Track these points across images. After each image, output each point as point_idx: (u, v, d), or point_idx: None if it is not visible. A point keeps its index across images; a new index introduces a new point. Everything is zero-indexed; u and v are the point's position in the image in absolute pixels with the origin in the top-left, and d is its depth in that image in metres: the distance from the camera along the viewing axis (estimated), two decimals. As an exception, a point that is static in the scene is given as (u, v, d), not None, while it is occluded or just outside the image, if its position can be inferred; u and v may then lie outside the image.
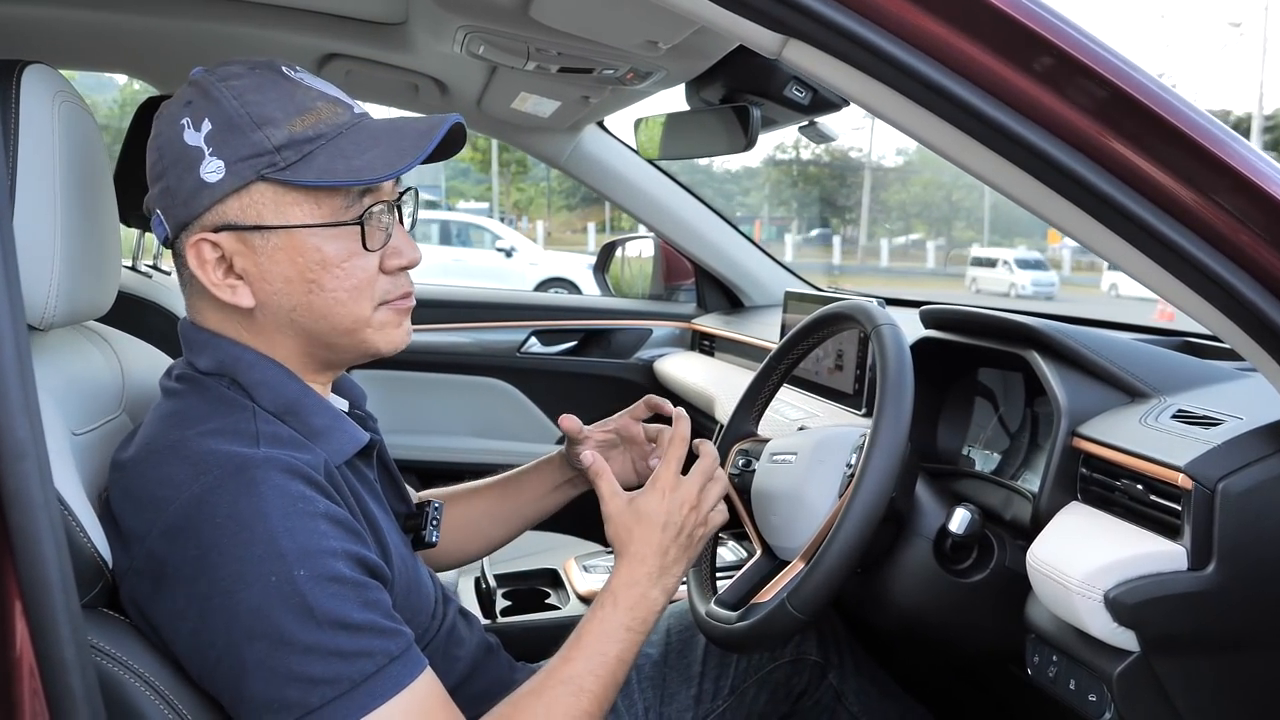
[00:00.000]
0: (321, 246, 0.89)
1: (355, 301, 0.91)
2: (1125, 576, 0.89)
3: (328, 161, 0.87)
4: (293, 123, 0.87)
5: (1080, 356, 1.09)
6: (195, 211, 0.88)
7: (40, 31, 1.77)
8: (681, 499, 1.03)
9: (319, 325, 0.91)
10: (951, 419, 1.44)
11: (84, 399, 0.99)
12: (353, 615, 0.81)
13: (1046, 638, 1.01)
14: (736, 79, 1.49)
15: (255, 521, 0.80)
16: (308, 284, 0.89)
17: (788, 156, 34.29)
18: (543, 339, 2.43)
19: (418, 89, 1.98)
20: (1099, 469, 1.02)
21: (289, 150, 0.86)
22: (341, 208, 0.89)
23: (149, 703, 0.79)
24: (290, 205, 0.88)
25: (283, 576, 0.79)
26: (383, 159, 0.88)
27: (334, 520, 0.84)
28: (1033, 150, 0.82)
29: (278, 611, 0.79)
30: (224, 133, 0.86)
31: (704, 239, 2.34)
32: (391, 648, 0.83)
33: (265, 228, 0.88)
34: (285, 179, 0.86)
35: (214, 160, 0.86)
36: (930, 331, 1.36)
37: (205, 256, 0.88)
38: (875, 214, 32.67)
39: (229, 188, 0.86)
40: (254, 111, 0.87)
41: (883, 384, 1.04)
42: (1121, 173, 0.81)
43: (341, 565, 0.82)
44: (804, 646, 1.35)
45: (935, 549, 1.14)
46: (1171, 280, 0.85)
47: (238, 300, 0.90)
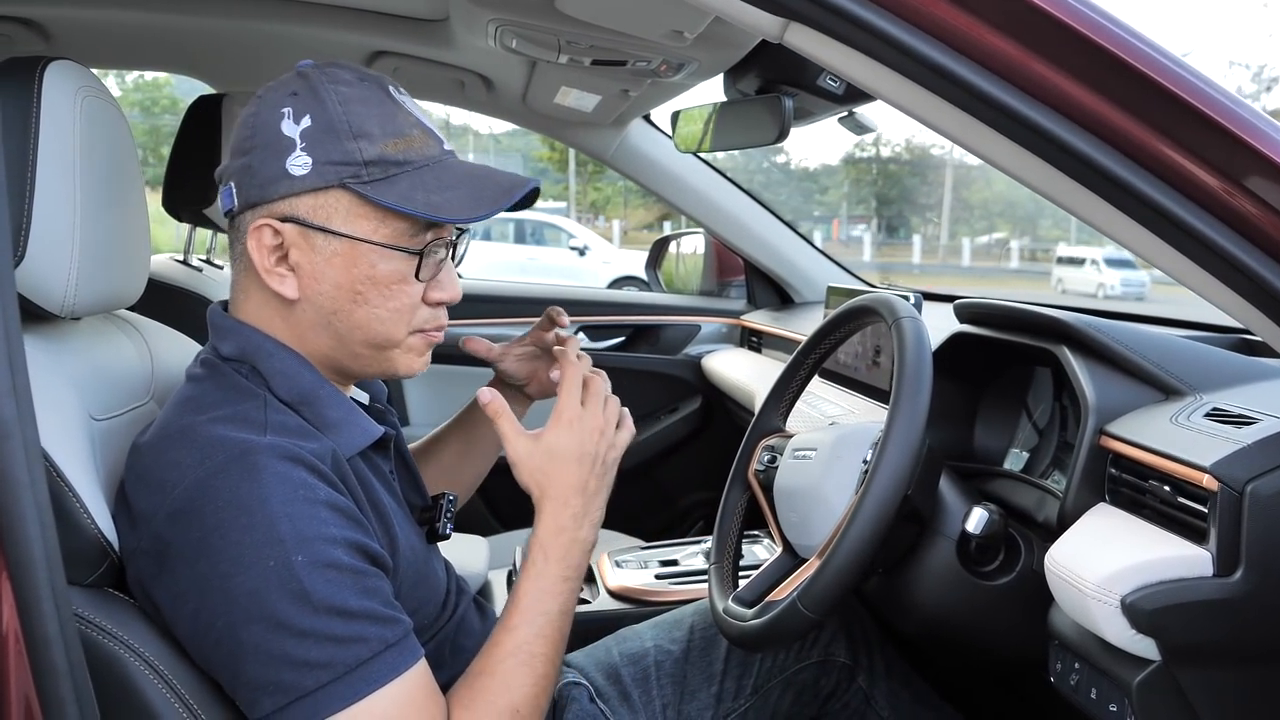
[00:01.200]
0: (377, 264, 0.92)
1: (393, 322, 0.94)
2: (1144, 581, 0.85)
3: (409, 189, 0.90)
4: (387, 143, 0.90)
5: (1111, 352, 1.04)
6: (269, 196, 0.90)
7: (97, 33, 1.84)
8: (590, 427, 1.00)
9: (353, 334, 0.94)
10: (992, 418, 1.39)
11: (109, 385, 1.02)
12: (349, 602, 0.82)
13: (1068, 644, 0.97)
14: (771, 69, 1.47)
15: (256, 506, 0.81)
16: (355, 294, 0.92)
17: (867, 154, 33.83)
18: (591, 334, 2.43)
19: (463, 85, 2.00)
20: (1128, 470, 0.97)
21: (376, 167, 0.90)
22: (406, 234, 0.92)
23: (148, 682, 0.81)
24: (360, 218, 0.91)
25: (280, 561, 0.80)
26: (460, 202, 0.91)
27: (335, 508, 0.85)
28: (1041, 131, 0.79)
29: (274, 596, 0.80)
30: (321, 133, 0.89)
31: (753, 234, 2.31)
32: (388, 635, 0.84)
33: (331, 232, 0.90)
34: (365, 194, 0.90)
35: (304, 156, 0.89)
36: (965, 326, 1.32)
37: (265, 241, 0.91)
38: (957, 212, 31.99)
39: (309, 185, 0.89)
40: (354, 122, 0.90)
41: (898, 378, 1.01)
42: (1133, 151, 0.77)
43: (340, 552, 0.83)
44: (832, 648, 1.32)
45: (959, 550, 1.10)
46: (1197, 270, 0.81)
47: (283, 290, 0.92)
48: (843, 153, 35.86)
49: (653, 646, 1.31)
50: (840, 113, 1.57)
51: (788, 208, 33.27)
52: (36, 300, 0.92)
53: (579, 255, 13.91)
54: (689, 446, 2.42)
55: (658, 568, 1.65)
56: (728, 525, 1.32)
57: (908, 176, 33.20)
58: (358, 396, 1.10)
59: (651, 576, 1.62)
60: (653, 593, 1.57)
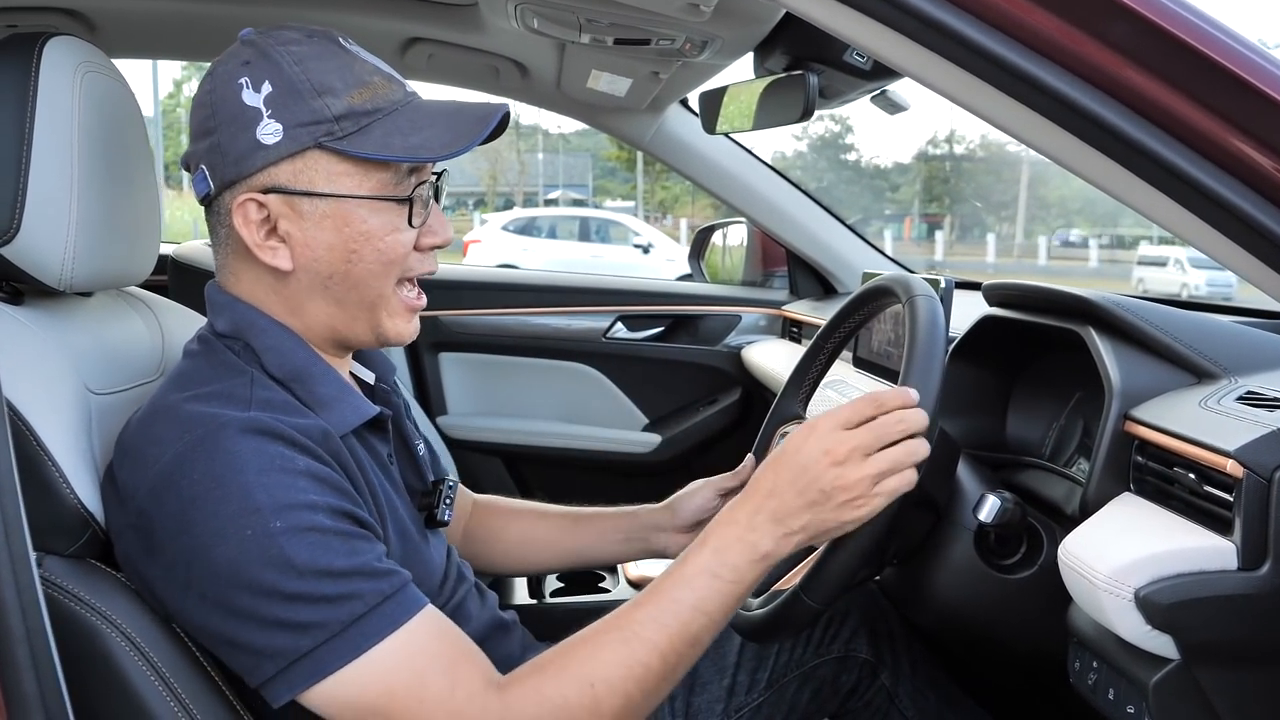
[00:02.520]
0: (368, 219, 0.90)
1: (385, 275, 0.93)
2: (1160, 574, 0.79)
3: (384, 136, 0.88)
4: (351, 94, 0.89)
5: (1139, 332, 0.98)
6: (246, 171, 0.89)
7: (140, 23, 1.87)
8: (824, 446, 0.86)
9: (350, 295, 0.93)
10: (1027, 406, 1.33)
11: (115, 361, 1.02)
12: (335, 562, 0.80)
13: (1086, 642, 0.92)
14: (797, 46, 1.43)
15: (230, 477, 0.80)
16: (349, 253, 0.91)
17: (940, 151, 33.26)
18: (629, 324, 2.40)
19: (498, 72, 1.99)
20: (1154, 457, 0.91)
21: (347, 121, 0.88)
22: (390, 183, 0.90)
23: (124, 653, 0.81)
24: (342, 175, 0.89)
25: (259, 530, 0.79)
26: (438, 139, 0.89)
27: (316, 478, 0.83)
28: (1091, 116, 0.74)
29: (257, 565, 0.79)
30: (285, 97, 0.87)
31: (795, 222, 2.26)
32: (383, 587, 0.82)
33: (315, 194, 0.89)
34: (342, 149, 0.88)
35: (272, 123, 0.87)
36: (994, 310, 1.26)
37: (251, 216, 0.90)
38: (1033, 210, 31.23)
39: (285, 151, 0.88)
40: (315, 79, 0.88)
41: (906, 358, 0.96)
42: (1207, 150, 0.72)
43: (321, 517, 0.81)
44: (854, 643, 1.28)
45: (978, 541, 1.05)
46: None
47: (277, 262, 0.91)
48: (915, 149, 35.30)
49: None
50: (870, 90, 1.52)
51: (858, 206, 32.86)
52: (33, 273, 0.93)
53: (643, 253, 13.92)
54: (728, 439, 2.37)
55: (680, 558, 1.61)
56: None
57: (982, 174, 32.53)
58: (363, 375, 1.09)
59: (672, 567, 1.58)
60: (673, 583, 1.53)
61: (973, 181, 32.72)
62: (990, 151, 31.98)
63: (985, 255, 27.45)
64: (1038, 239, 29.41)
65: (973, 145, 33.08)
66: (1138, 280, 22.52)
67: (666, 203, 31.97)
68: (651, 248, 14.12)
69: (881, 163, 37.77)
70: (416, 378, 2.34)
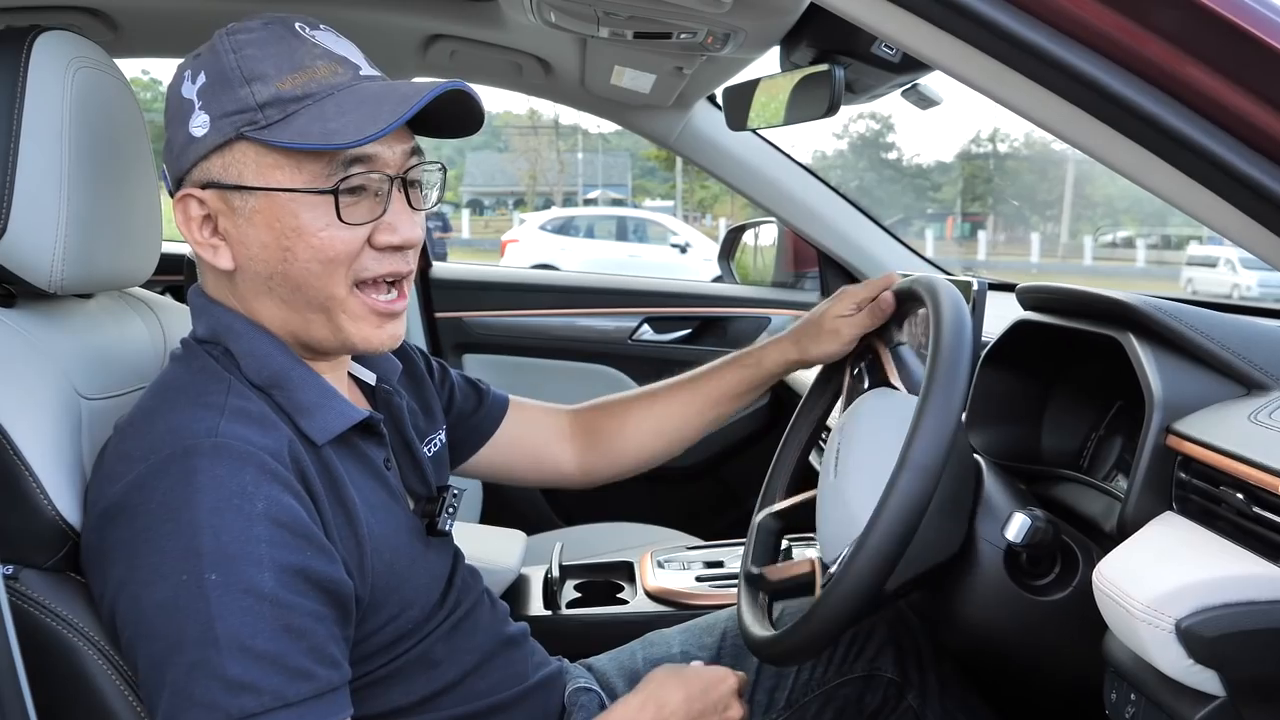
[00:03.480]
0: (299, 213, 0.84)
1: (329, 275, 0.85)
2: (1205, 603, 0.72)
3: (307, 123, 0.82)
4: (282, 80, 0.83)
5: (1183, 338, 0.91)
6: (185, 166, 0.86)
7: (162, 22, 1.85)
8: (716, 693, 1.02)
9: (295, 297, 0.87)
10: (1064, 416, 1.26)
11: (110, 365, 1.00)
12: (257, 639, 0.74)
13: (1124, 672, 0.85)
14: (823, 39, 1.37)
15: (182, 513, 0.76)
16: (282, 251, 0.85)
17: (983, 150, 32.81)
18: (656, 326, 2.35)
19: (521, 69, 1.95)
20: (1199, 474, 0.85)
21: (272, 109, 0.83)
22: (322, 175, 0.83)
23: (100, 672, 0.78)
24: (271, 167, 0.84)
25: (194, 577, 0.74)
26: (355, 124, 0.82)
27: (277, 523, 0.77)
28: (1102, 88, 0.68)
29: (180, 615, 0.74)
30: (214, 87, 0.84)
31: (825, 221, 2.19)
32: (287, 691, 0.74)
33: (245, 188, 0.84)
34: (263, 139, 0.83)
35: (201, 114, 0.84)
36: (1028, 314, 1.19)
37: (191, 213, 0.86)
38: (1079, 209, 30.69)
39: (212, 144, 0.84)
40: (246, 66, 0.83)
41: (931, 368, 0.90)
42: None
43: (266, 577, 0.75)
44: (879, 662, 1.22)
45: (1008, 560, 0.99)
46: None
47: (217, 261, 0.87)
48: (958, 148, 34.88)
49: (680, 652, 1.23)
50: (900, 84, 1.46)
51: (899, 205, 32.54)
52: (21, 274, 0.90)
53: (680, 252, 13.86)
54: (756, 444, 2.32)
55: (700, 569, 1.57)
56: (797, 434, 1.26)
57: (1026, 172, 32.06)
58: (363, 376, 1.04)
59: (692, 579, 1.53)
60: (691, 595, 1.49)
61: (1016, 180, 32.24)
62: (1035, 150, 31.49)
63: (1029, 255, 27.04)
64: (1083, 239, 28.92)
65: (1017, 143, 32.59)
66: (1186, 281, 22.02)
67: (705, 202, 31.85)
68: (689, 247, 14.06)
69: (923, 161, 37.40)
70: (440, 380, 2.31)
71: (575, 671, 1.16)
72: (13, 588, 0.79)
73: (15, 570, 0.79)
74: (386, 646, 0.91)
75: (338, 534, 0.84)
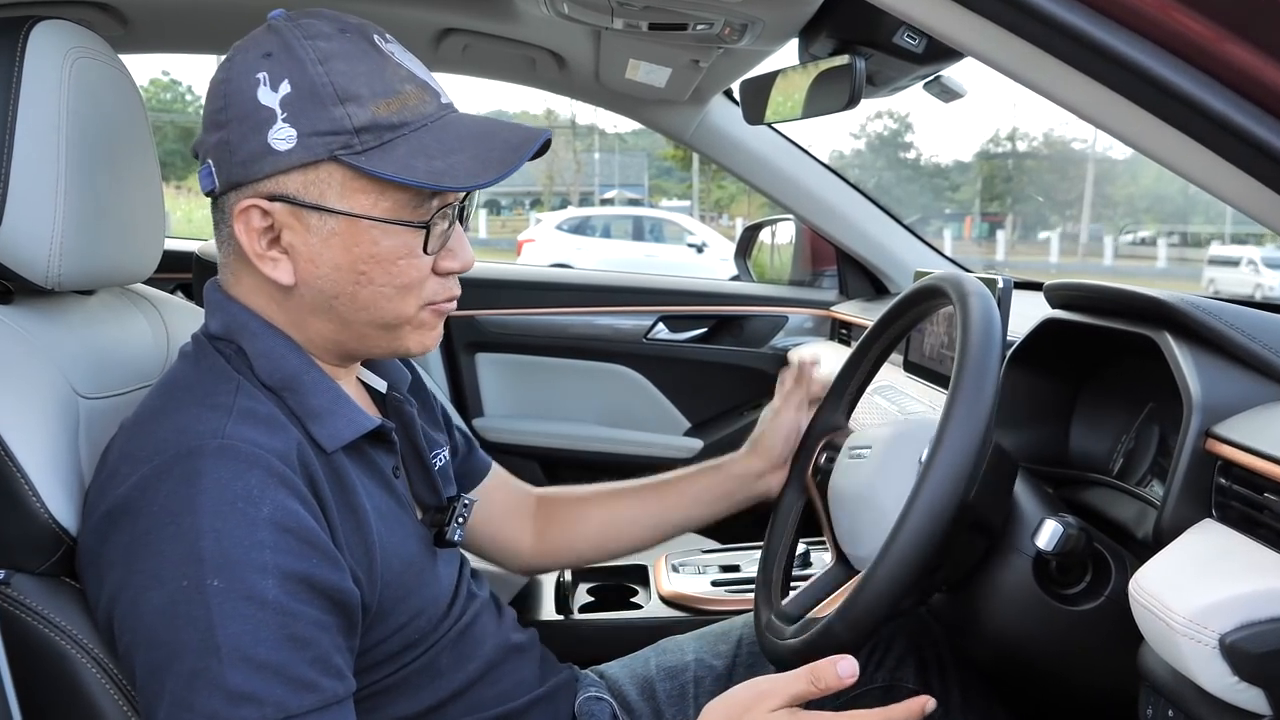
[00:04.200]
0: (380, 240, 0.82)
1: (402, 299, 0.85)
2: (1251, 618, 0.69)
3: (408, 156, 0.80)
4: (378, 105, 0.80)
5: (1222, 337, 0.87)
6: (253, 175, 0.81)
7: (172, 16, 1.84)
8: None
9: (359, 316, 0.85)
10: (1093, 418, 1.22)
11: (111, 363, 0.97)
12: (259, 649, 0.71)
13: (1160, 686, 0.81)
14: (843, 29, 1.33)
15: (184, 516, 0.73)
16: (358, 275, 0.83)
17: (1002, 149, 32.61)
18: (671, 325, 2.32)
19: (534, 63, 1.92)
20: (1240, 480, 0.81)
21: (369, 134, 0.80)
22: (409, 205, 0.82)
23: (93, 679, 0.76)
24: (356, 192, 0.81)
25: (195, 583, 0.71)
26: (465, 167, 0.81)
27: (282, 528, 0.75)
28: (1146, 73, 0.65)
29: (180, 621, 0.71)
30: (303, 100, 0.79)
31: (845, 219, 2.16)
32: (290, 702, 0.72)
33: (326, 210, 0.81)
34: (360, 166, 0.80)
35: (286, 127, 0.79)
36: (1057, 312, 1.15)
37: (254, 224, 0.82)
38: (1099, 209, 30.43)
39: (297, 160, 0.80)
40: (339, 83, 0.79)
41: (957, 366, 0.87)
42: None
43: (269, 584, 0.72)
44: (900, 672, 1.18)
45: (1037, 568, 0.95)
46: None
47: (277, 276, 0.83)
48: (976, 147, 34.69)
49: (693, 660, 1.19)
50: (923, 75, 1.42)
51: (917, 204, 32.38)
52: (16, 270, 0.88)
53: (697, 252, 13.83)
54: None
55: (716, 573, 1.53)
56: (780, 531, 1.19)
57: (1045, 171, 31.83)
58: (374, 383, 1.02)
59: (708, 583, 1.50)
60: (707, 600, 1.45)
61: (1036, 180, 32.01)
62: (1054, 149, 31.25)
63: (1048, 255, 26.86)
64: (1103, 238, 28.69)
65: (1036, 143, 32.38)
66: (1208, 281, 21.80)
67: (722, 202, 31.80)
68: (705, 247, 14.02)
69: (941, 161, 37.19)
70: (452, 379, 2.29)
71: (586, 680, 1.13)
72: (3, 593, 0.76)
73: (7, 575, 0.77)
74: (392, 656, 0.89)
75: (346, 541, 0.81)
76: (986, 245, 27.25)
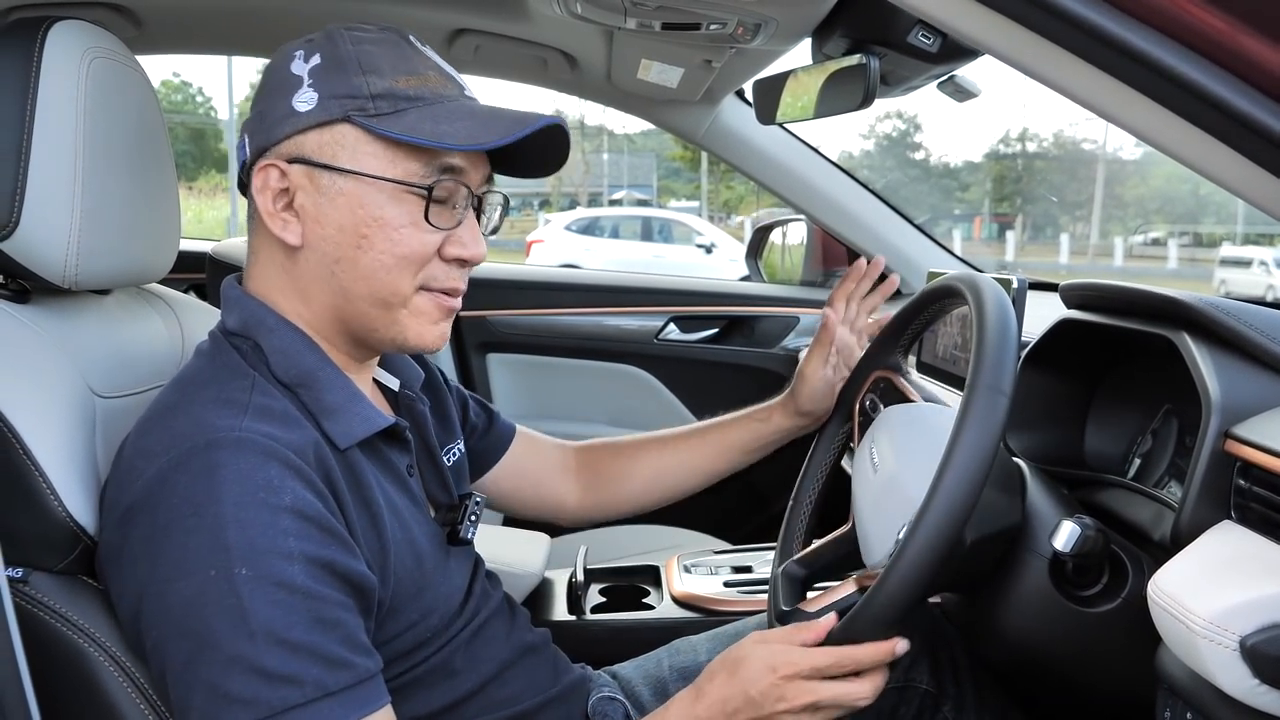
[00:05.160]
0: (384, 205, 0.85)
1: (399, 271, 0.86)
2: (1272, 620, 0.68)
3: (416, 121, 0.85)
4: (398, 79, 0.86)
5: (1241, 337, 0.86)
6: (276, 137, 0.86)
7: (185, 18, 1.84)
8: (784, 696, 0.84)
9: (356, 286, 0.87)
10: (1109, 419, 1.21)
11: (127, 362, 0.98)
12: (292, 631, 0.72)
13: (1178, 689, 0.81)
14: (857, 28, 1.33)
15: (206, 507, 0.74)
16: (359, 238, 0.85)
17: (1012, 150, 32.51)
18: (682, 325, 2.32)
19: (546, 63, 1.92)
20: (1260, 481, 0.80)
21: (383, 101, 0.85)
22: (417, 174, 0.86)
23: (110, 677, 0.76)
24: (367, 155, 0.85)
25: (223, 572, 0.72)
26: (468, 131, 0.85)
27: (302, 516, 0.76)
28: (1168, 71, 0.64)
29: (210, 610, 0.72)
30: (328, 69, 0.86)
31: (856, 219, 2.15)
32: (327, 680, 0.73)
33: (336, 169, 0.85)
34: (371, 126, 0.84)
35: (309, 91, 0.85)
36: (1073, 312, 1.15)
37: (270, 183, 0.86)
38: (1110, 209, 30.31)
39: (314, 120, 0.85)
40: (364, 59, 0.86)
41: (974, 367, 0.86)
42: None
43: (296, 570, 0.74)
44: (914, 672, 1.18)
45: (1053, 570, 0.95)
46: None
47: (286, 235, 0.87)
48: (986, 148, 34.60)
49: (707, 660, 1.19)
50: (937, 75, 1.41)
51: (926, 205, 32.30)
52: (34, 269, 0.88)
53: (705, 253, 13.82)
54: (785, 446, 2.27)
55: (729, 574, 1.53)
56: (815, 469, 1.23)
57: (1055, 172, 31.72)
58: (388, 381, 1.03)
59: (720, 584, 1.50)
60: (719, 601, 1.45)
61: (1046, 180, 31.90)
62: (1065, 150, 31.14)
63: (1058, 256, 26.76)
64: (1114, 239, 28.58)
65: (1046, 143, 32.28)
66: (1220, 282, 21.67)
67: (731, 203, 31.76)
68: (714, 248, 14.01)
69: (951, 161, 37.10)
70: (464, 379, 2.29)
71: (599, 680, 1.13)
72: (21, 591, 0.76)
73: (25, 573, 0.77)
74: (405, 654, 0.89)
75: (362, 535, 0.83)
76: (996, 246, 27.18)
